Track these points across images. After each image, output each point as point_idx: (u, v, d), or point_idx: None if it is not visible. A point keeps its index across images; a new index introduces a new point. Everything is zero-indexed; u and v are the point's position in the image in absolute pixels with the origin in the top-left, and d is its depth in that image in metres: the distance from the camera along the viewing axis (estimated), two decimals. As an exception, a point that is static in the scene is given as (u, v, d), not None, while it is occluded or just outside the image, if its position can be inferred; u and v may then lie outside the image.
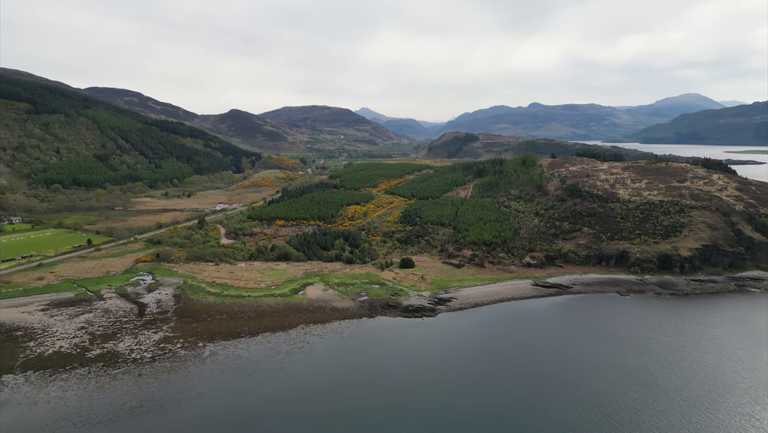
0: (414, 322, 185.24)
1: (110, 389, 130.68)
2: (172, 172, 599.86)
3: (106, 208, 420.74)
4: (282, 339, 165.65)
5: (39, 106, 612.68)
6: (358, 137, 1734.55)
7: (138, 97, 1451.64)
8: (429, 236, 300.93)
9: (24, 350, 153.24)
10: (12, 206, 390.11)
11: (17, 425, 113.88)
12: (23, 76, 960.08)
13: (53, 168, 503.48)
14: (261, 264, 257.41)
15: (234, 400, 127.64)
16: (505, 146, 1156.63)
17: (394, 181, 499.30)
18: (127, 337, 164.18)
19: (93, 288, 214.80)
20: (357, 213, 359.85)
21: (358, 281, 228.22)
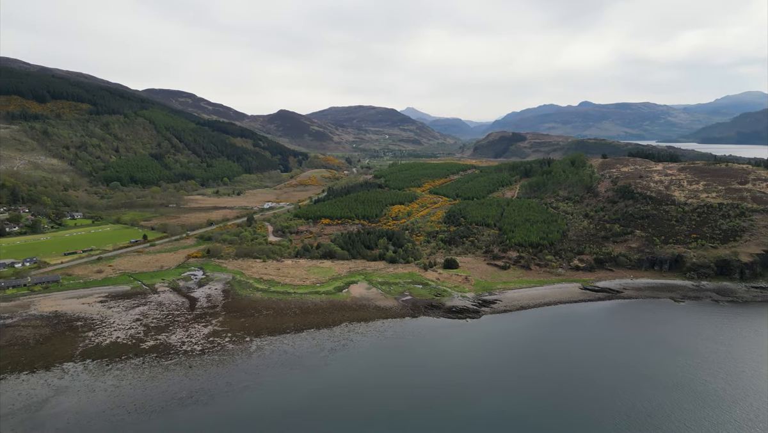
0: (457, 323, 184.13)
1: (162, 379, 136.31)
2: (222, 170, 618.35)
3: (160, 205, 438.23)
4: (326, 336, 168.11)
5: (100, 107, 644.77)
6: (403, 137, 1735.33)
7: (191, 98, 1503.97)
8: (473, 237, 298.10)
9: (83, 339, 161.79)
10: (74, 202, 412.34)
11: (76, 411, 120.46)
12: (86, 78, 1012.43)
13: (113, 166, 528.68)
14: (307, 262, 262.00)
15: (279, 394, 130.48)
16: (554, 146, 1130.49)
17: (439, 181, 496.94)
18: (178, 330, 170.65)
19: (148, 282, 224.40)
20: (401, 213, 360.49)
21: (402, 281, 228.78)
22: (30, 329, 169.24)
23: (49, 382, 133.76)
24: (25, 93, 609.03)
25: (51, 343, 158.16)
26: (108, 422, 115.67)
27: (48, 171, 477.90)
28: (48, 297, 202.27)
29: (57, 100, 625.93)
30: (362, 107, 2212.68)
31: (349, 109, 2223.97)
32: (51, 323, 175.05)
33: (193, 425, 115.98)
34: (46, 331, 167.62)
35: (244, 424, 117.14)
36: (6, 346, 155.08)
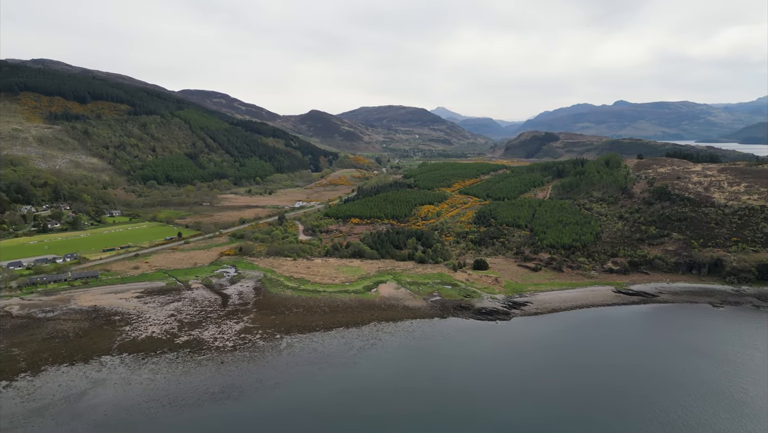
0: (487, 325, 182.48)
1: (195, 374, 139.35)
2: (255, 170, 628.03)
3: (194, 203, 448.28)
4: (355, 335, 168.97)
5: (138, 107, 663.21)
6: (433, 137, 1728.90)
7: (225, 98, 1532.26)
8: (504, 238, 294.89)
9: (120, 333, 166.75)
10: (113, 200, 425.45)
11: (113, 403, 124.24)
12: (125, 79, 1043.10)
13: (149, 165, 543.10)
14: (336, 261, 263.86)
15: (308, 392, 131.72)
16: (587, 146, 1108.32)
17: (469, 181, 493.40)
18: (211, 326, 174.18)
19: (182, 278, 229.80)
20: (430, 213, 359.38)
21: (430, 281, 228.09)
22: (70, 322, 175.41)
23: (88, 374, 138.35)
24: (67, 94, 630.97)
25: (90, 336, 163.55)
26: (143, 415, 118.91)
27: (88, 170, 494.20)
28: (87, 292, 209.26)
29: (97, 101, 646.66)
30: (392, 107, 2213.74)
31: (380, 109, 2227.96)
32: (90, 317, 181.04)
33: (225, 419, 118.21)
34: (85, 325, 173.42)
35: (273, 420, 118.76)
36: (47, 338, 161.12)
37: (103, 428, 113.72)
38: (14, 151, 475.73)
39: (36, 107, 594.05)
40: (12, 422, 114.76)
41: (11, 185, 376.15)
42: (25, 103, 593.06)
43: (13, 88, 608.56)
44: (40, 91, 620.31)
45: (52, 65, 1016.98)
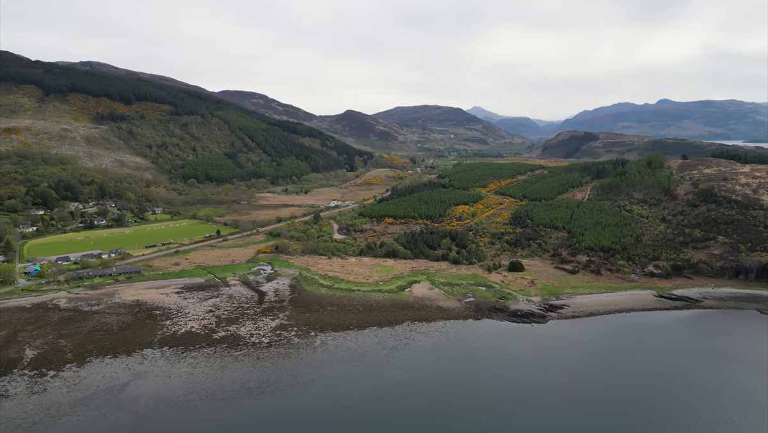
0: (522, 327, 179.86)
1: (232, 369, 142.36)
2: (291, 169, 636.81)
3: (233, 202, 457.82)
4: (388, 334, 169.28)
5: (179, 108, 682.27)
6: (469, 136, 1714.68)
7: (263, 99, 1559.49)
8: (540, 240, 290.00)
9: (161, 327, 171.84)
10: (155, 198, 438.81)
11: (154, 395, 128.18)
12: (167, 81, 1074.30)
13: (190, 164, 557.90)
14: (370, 260, 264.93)
15: (341, 390, 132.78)
16: (629, 146, 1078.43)
17: (505, 181, 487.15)
18: (248, 322, 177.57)
19: (220, 275, 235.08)
20: (465, 213, 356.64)
21: (465, 282, 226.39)
22: (114, 316, 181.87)
23: (130, 366, 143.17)
24: (113, 95, 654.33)
25: (132, 330, 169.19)
26: (182, 408, 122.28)
27: (132, 168, 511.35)
28: (130, 286, 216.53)
29: (141, 102, 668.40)
30: (427, 107, 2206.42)
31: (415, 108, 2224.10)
32: (133, 311, 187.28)
33: (260, 414, 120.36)
34: (128, 318, 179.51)
35: (307, 417, 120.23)
36: (93, 331, 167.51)
37: (144, 419, 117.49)
38: (63, 150, 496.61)
39: (84, 108, 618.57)
40: (59, 410, 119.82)
41: (60, 183, 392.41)
42: (73, 104, 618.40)
43: (62, 89, 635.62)
44: (87, 93, 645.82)
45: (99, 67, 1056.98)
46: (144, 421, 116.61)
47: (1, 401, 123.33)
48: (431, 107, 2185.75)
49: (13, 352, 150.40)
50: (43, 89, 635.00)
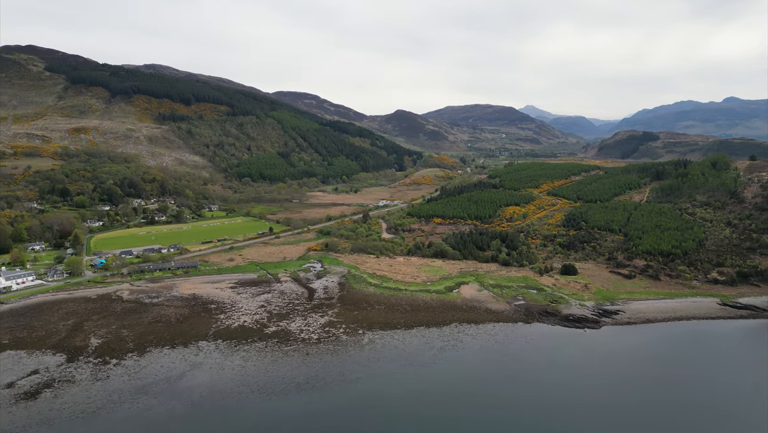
0: (574, 333, 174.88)
1: (282, 363, 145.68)
2: (341, 169, 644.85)
3: (285, 200, 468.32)
4: (436, 335, 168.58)
5: (235, 108, 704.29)
6: (521, 136, 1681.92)
7: (316, 99, 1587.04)
8: (595, 242, 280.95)
9: (216, 321, 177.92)
10: (212, 196, 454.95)
11: (208, 386, 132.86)
12: (224, 82, 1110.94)
13: (245, 163, 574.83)
14: (418, 260, 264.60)
15: (387, 389, 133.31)
16: (691, 146, 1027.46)
17: (558, 182, 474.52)
18: (298, 318, 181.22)
19: (272, 271, 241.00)
20: (516, 214, 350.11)
21: (515, 284, 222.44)
22: (172, 308, 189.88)
23: (186, 357, 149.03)
24: (174, 96, 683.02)
25: (189, 322, 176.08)
26: (234, 399, 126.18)
27: (191, 167, 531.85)
28: (187, 280, 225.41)
29: (200, 103, 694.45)
30: (479, 106, 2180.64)
31: (465, 108, 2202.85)
32: (189, 304, 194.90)
33: (308, 409, 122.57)
34: (185, 311, 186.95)
35: (354, 414, 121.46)
36: (153, 322, 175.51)
37: (199, 409, 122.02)
38: (128, 149, 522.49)
39: (147, 109, 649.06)
40: (120, 397, 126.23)
41: (125, 180, 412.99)
42: (137, 105, 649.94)
43: (128, 91, 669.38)
44: (150, 94, 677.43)
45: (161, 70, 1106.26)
46: (198, 411, 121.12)
47: (69, 386, 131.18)
48: (482, 106, 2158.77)
49: (79, 340, 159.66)
50: (110, 91, 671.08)
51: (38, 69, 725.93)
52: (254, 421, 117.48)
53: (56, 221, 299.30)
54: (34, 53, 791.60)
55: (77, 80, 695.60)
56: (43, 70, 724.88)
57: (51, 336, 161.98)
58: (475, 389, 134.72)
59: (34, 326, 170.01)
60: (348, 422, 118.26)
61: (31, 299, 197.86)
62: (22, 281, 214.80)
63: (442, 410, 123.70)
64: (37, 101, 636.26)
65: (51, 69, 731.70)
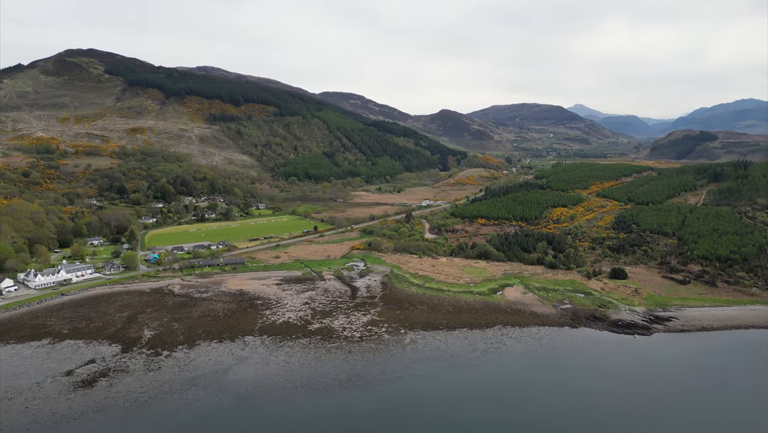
0: (623, 339, 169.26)
1: (325, 360, 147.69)
2: (385, 168, 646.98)
3: (329, 199, 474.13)
4: (479, 337, 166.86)
5: (283, 109, 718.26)
6: (569, 136, 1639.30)
7: (361, 99, 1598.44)
8: (647, 246, 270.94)
9: (261, 317, 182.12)
10: (259, 194, 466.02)
11: (254, 380, 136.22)
12: (273, 83, 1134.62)
13: (291, 163, 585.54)
14: (461, 261, 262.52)
15: (429, 390, 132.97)
16: (752, 147, 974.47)
17: (608, 183, 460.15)
18: (341, 316, 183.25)
19: (316, 269, 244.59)
20: (563, 216, 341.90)
21: (561, 288, 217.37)
22: (220, 303, 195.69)
23: (233, 351, 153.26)
24: (224, 97, 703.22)
25: (236, 317, 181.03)
26: (279, 394, 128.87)
27: (239, 166, 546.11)
28: (235, 277, 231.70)
29: (249, 104, 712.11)
30: (525, 105, 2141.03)
31: (512, 107, 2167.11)
32: (237, 299, 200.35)
33: (350, 406, 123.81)
34: (232, 306, 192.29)
35: (395, 413, 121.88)
36: (202, 316, 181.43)
37: (244, 402, 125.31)
38: (180, 148, 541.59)
39: (199, 109, 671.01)
40: (171, 387, 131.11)
41: (177, 179, 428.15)
42: (190, 106, 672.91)
43: (181, 93, 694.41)
44: (202, 95, 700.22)
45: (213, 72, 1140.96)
46: (244, 404, 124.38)
47: (123, 375, 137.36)
48: (529, 105, 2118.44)
49: (133, 331, 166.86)
50: (164, 92, 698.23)
51: (98, 72, 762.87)
52: (298, 416, 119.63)
53: (114, 217, 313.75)
54: (95, 56, 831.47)
55: (134, 82, 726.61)
56: (102, 73, 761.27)
57: (107, 327, 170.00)
58: (518, 393, 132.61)
59: (91, 317, 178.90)
60: (389, 421, 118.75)
61: (90, 292, 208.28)
62: (82, 274, 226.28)
63: (483, 414, 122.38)
64: (97, 102, 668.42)
65: (110, 72, 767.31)
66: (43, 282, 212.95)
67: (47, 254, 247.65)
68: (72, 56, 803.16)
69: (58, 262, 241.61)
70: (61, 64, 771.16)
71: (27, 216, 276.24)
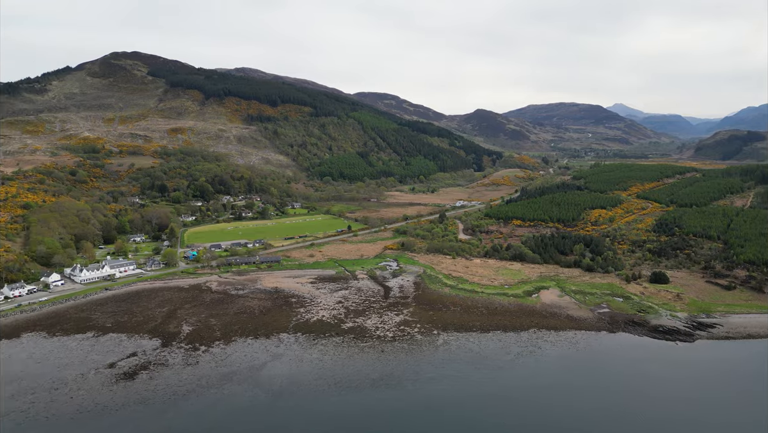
0: (664, 345, 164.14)
1: (358, 359, 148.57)
2: (419, 168, 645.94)
3: (363, 199, 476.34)
4: (513, 340, 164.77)
5: (318, 109, 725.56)
6: (609, 135, 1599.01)
7: (395, 100, 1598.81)
8: (690, 250, 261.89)
9: (296, 314, 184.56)
10: (294, 194, 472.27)
11: (287, 377, 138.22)
12: (308, 84, 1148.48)
13: (326, 163, 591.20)
14: (495, 262, 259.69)
15: (461, 391, 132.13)
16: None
17: (649, 184, 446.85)
18: (373, 315, 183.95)
19: (350, 268, 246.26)
20: (601, 217, 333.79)
21: (599, 291, 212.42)
22: (256, 301, 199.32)
23: (268, 348, 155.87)
24: (261, 98, 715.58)
25: (271, 314, 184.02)
26: (311, 391, 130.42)
27: (275, 166, 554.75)
28: (270, 274, 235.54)
29: (285, 104, 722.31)
30: (563, 104, 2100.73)
31: (549, 106, 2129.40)
32: (272, 297, 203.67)
33: (382, 405, 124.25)
34: (267, 304, 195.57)
35: (427, 413, 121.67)
36: (238, 313, 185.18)
37: (278, 397, 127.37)
38: (219, 148, 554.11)
39: (237, 110, 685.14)
40: (208, 382, 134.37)
41: (215, 178, 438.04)
42: (228, 107, 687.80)
43: (220, 94, 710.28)
44: (240, 96, 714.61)
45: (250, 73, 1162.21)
46: (278, 399, 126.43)
47: (162, 369, 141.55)
48: (567, 105, 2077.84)
49: (173, 326, 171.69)
50: (204, 93, 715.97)
51: (142, 74, 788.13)
52: (330, 413, 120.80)
53: (155, 215, 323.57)
54: (138, 59, 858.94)
55: (175, 84, 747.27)
56: (146, 75, 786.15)
57: (148, 322, 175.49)
58: (553, 398, 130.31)
59: (133, 312, 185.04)
60: (420, 421, 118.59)
61: (132, 287, 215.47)
62: (125, 269, 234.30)
63: (516, 417, 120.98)
64: (141, 103, 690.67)
65: (153, 73, 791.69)
66: (88, 277, 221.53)
67: (92, 250, 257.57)
68: (117, 59, 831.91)
69: (102, 258, 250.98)
70: (107, 66, 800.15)
71: (74, 213, 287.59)
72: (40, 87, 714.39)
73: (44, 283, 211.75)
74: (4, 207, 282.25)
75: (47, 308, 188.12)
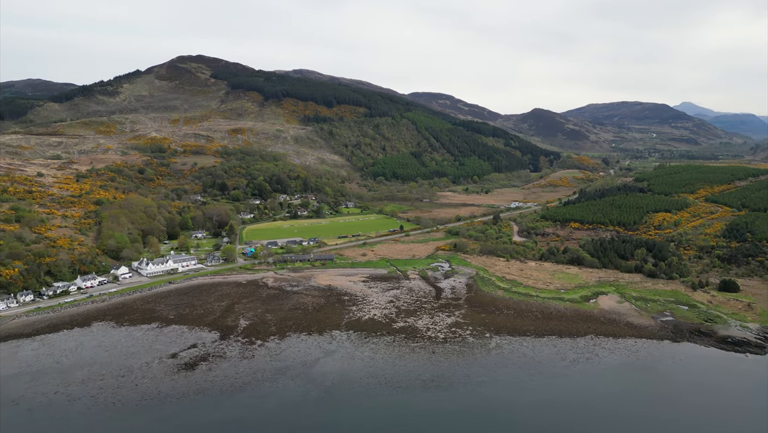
0: (733, 357, 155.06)
1: (409, 359, 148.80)
2: (473, 169, 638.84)
3: (416, 199, 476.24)
4: (568, 346, 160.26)
5: (372, 110, 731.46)
6: (675, 136, 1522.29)
7: (449, 99, 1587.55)
8: (763, 257, 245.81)
9: (348, 312, 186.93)
10: (348, 193, 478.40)
11: (339, 374, 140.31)
12: (363, 85, 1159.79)
13: (379, 163, 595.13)
14: (551, 265, 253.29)
15: (514, 397, 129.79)
16: None
17: (719, 187, 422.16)
18: (425, 316, 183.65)
19: (401, 268, 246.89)
20: (666, 221, 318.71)
21: (662, 298, 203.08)
22: (310, 297, 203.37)
23: (321, 345, 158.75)
24: (318, 99, 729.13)
25: (324, 311, 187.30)
26: (363, 389, 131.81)
27: (330, 166, 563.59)
28: (324, 272, 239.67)
29: (340, 105, 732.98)
30: (626, 103, 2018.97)
31: (610, 105, 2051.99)
32: (325, 294, 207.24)
33: (433, 406, 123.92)
34: (321, 301, 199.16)
35: (479, 417, 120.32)
36: (292, 309, 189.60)
37: (330, 394, 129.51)
38: (276, 148, 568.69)
39: (294, 111, 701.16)
40: (263, 375, 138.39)
41: (273, 177, 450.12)
42: (286, 108, 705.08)
43: (278, 95, 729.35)
44: (297, 98, 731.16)
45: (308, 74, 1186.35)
46: (330, 396, 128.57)
47: (220, 361, 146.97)
48: (630, 104, 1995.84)
49: (231, 320, 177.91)
50: (263, 95, 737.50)
51: (205, 76, 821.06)
52: (380, 412, 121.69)
53: (215, 213, 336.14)
54: (202, 62, 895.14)
55: (236, 86, 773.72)
56: (209, 77, 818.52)
57: (208, 315, 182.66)
58: (609, 408, 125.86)
59: (194, 305, 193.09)
60: (471, 424, 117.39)
61: (193, 281, 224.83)
62: (186, 264, 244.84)
63: (570, 426, 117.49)
64: (203, 105, 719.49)
65: (215, 76, 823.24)
66: (153, 270, 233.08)
67: (157, 245, 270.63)
68: (182, 62, 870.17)
69: (166, 252, 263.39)
70: (173, 69, 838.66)
71: (141, 210, 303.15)
72: (112, 90, 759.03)
73: (114, 275, 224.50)
74: (78, 203, 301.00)
75: (116, 299, 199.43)
